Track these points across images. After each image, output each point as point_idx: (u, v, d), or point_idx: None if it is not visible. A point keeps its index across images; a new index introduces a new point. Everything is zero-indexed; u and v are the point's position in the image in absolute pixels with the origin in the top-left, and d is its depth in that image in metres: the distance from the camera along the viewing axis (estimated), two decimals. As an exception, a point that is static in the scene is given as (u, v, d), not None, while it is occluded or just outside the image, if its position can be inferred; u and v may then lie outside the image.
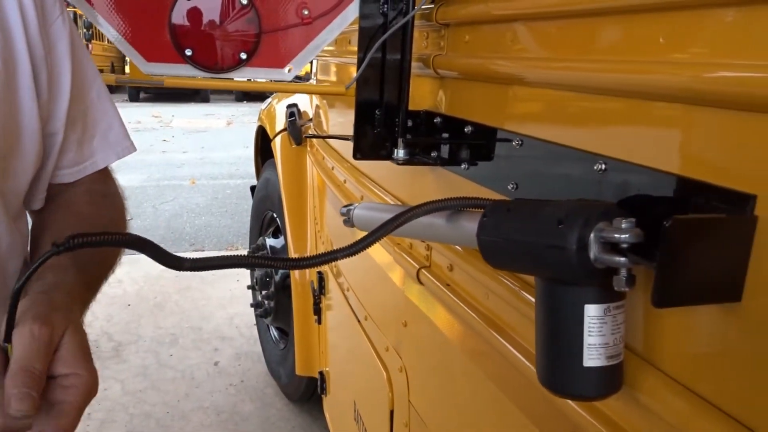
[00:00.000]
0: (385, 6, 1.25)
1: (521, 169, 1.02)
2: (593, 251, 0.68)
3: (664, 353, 0.75)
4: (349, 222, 1.14)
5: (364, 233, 0.88)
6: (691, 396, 0.70)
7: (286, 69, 1.25)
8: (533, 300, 0.97)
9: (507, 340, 1.07)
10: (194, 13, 1.17)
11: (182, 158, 10.07)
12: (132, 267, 5.06)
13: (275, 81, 1.26)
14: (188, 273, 0.79)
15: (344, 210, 1.16)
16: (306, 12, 1.23)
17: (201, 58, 1.18)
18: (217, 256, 0.80)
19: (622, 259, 0.66)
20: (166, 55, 1.18)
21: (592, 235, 0.68)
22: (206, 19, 1.18)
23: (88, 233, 0.71)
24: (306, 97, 3.23)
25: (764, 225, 0.62)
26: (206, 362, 3.92)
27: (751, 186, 0.63)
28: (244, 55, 1.20)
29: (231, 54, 1.20)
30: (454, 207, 0.86)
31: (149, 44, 1.18)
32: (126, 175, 9.18)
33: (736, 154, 0.64)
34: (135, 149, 1.06)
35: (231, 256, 0.82)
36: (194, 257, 0.79)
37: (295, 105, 3.27)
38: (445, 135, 1.30)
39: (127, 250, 0.87)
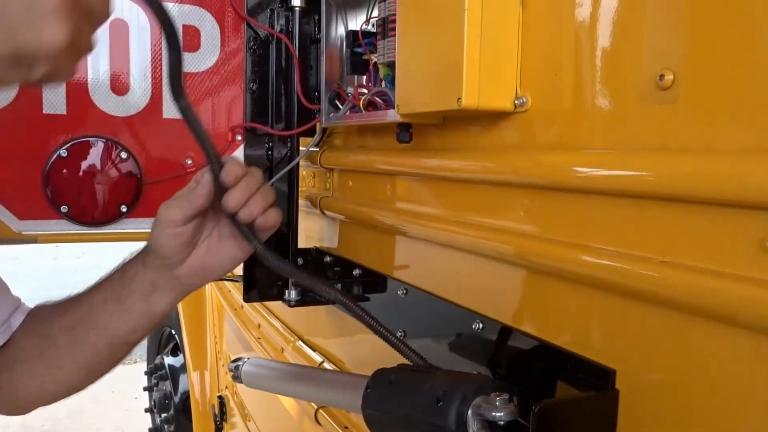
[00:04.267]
0: (270, 152, 1.28)
1: (408, 317, 1.04)
2: (472, 428, 0.69)
3: None
4: (237, 378, 1.10)
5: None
6: None
7: (170, 218, 1.22)
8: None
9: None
10: (71, 169, 1.14)
11: (76, 264, 9.56)
12: (16, 392, 4.65)
13: (159, 230, 1.23)
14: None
15: (232, 366, 1.12)
16: (190, 162, 1.23)
17: (78, 214, 1.14)
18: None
19: (499, 437, 0.67)
20: (41, 211, 1.14)
21: (469, 413, 0.69)
22: (83, 174, 1.15)
23: None
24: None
25: (626, 398, 0.65)
26: (101, 496, 3.60)
27: (612, 360, 0.66)
28: (124, 208, 1.17)
29: (110, 207, 1.17)
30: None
31: (21, 201, 1.13)
32: (13, 286, 8.58)
33: (597, 329, 0.68)
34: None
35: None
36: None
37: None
38: (337, 269, 1.31)
39: None
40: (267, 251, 0.86)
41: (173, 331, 3.35)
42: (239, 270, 1.55)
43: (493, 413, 0.68)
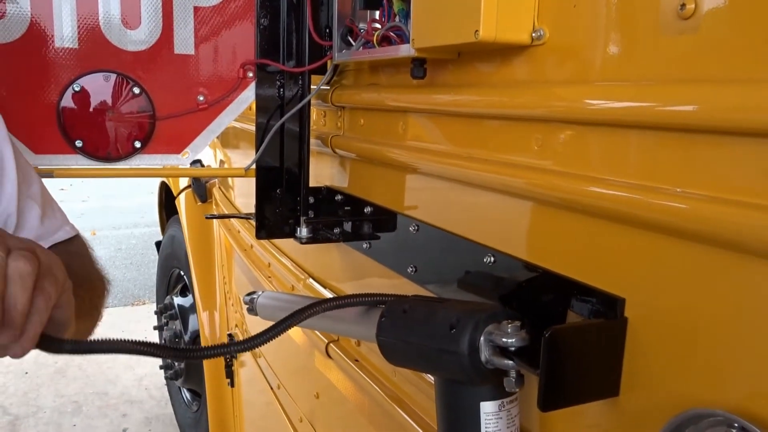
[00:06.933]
0: (281, 90, 1.27)
1: (419, 253, 1.06)
2: (484, 354, 0.72)
3: (556, 441, 0.79)
4: (252, 311, 1.13)
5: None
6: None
7: (183, 154, 1.24)
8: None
9: (413, 418, 1.09)
10: (84, 104, 1.15)
11: (82, 207, 9.61)
12: (29, 331, 4.74)
13: (172, 166, 1.25)
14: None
15: (247, 299, 1.15)
16: (202, 98, 1.23)
17: (92, 149, 1.15)
18: (105, 340, 0.73)
19: (510, 362, 0.70)
20: (55, 146, 1.15)
21: (482, 339, 0.72)
22: (97, 109, 1.15)
23: None
24: (210, 152, 3.19)
25: (634, 326, 0.67)
26: (114, 430, 3.72)
27: (622, 290, 0.68)
28: (138, 143, 1.18)
29: (124, 142, 1.18)
30: (356, 305, 0.88)
31: (36, 136, 1.14)
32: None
33: (608, 260, 0.70)
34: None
35: (121, 341, 0.73)
36: (76, 339, 0.71)
37: (198, 161, 3.22)
38: (348, 208, 1.32)
39: None
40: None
41: (182, 272, 3.40)
42: (251, 208, 1.58)
43: (505, 339, 0.70)
